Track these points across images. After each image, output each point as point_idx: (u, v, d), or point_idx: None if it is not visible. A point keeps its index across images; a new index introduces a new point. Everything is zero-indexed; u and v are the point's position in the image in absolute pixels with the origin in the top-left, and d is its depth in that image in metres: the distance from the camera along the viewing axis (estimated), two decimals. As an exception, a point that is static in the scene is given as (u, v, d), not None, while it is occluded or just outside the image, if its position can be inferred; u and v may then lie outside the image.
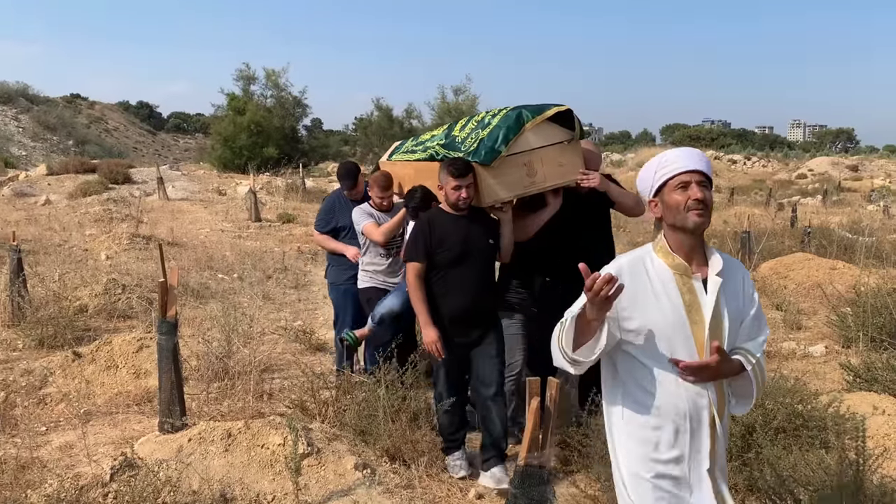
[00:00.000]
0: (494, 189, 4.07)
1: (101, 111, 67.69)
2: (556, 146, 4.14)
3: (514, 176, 4.07)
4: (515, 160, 4.05)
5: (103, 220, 14.36)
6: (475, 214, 4.14)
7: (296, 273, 10.27)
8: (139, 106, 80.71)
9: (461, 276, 4.07)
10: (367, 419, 4.38)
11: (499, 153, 3.99)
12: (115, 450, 4.27)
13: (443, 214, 4.13)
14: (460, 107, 36.14)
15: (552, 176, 4.15)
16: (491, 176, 4.04)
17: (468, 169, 3.98)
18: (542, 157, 4.10)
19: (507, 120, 4.08)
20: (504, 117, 4.11)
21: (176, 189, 21.20)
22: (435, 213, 4.19)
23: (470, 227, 4.09)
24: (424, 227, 4.11)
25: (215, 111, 36.41)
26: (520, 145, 4.05)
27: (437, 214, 4.16)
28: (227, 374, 5.48)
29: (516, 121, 4.06)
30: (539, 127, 4.10)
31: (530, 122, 4.07)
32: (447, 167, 4.00)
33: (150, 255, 10.49)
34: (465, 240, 4.06)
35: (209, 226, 14.94)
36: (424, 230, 4.08)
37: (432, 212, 4.21)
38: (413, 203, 4.52)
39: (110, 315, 7.42)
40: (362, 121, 41.40)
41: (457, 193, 3.98)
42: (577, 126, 4.18)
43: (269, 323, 7.50)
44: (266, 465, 3.85)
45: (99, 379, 5.56)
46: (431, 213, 4.21)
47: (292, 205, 18.45)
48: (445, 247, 4.04)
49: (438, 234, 4.06)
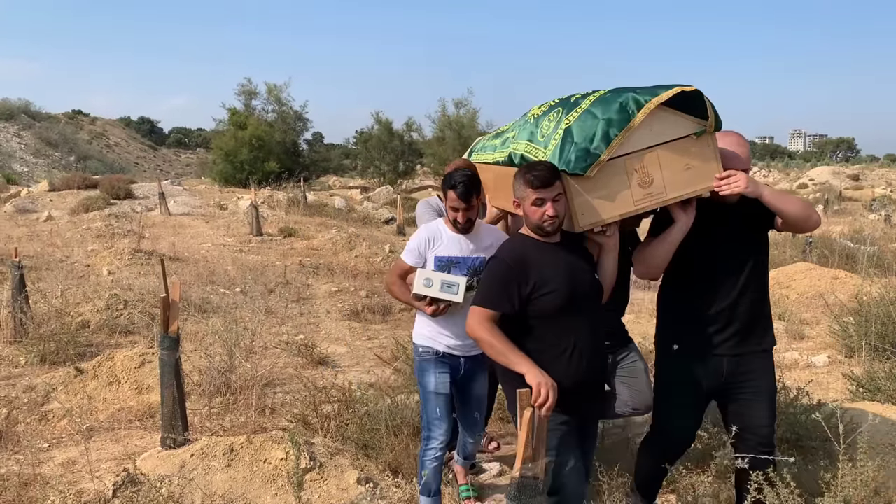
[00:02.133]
0: (592, 207, 2.95)
1: (102, 127, 68.02)
2: (681, 142, 2.99)
3: (620, 187, 2.95)
4: (621, 165, 2.94)
5: (105, 235, 14.37)
6: (569, 241, 3.03)
7: (298, 287, 10.27)
8: (140, 121, 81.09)
9: (567, 330, 2.89)
10: (369, 433, 4.38)
11: (596, 157, 2.85)
12: (117, 466, 4.26)
13: (530, 243, 2.97)
14: (461, 120, 36.28)
15: (676, 184, 3.00)
16: (587, 189, 2.92)
17: (553, 175, 2.86)
18: (660, 158, 2.98)
19: (607, 108, 2.90)
20: (601, 102, 2.95)
21: (177, 204, 21.25)
22: (519, 242, 3.03)
23: (570, 260, 2.95)
24: (512, 261, 2.91)
25: (217, 126, 36.66)
26: (628, 144, 2.91)
27: (523, 243, 2.99)
28: (229, 388, 5.48)
29: (620, 110, 2.88)
30: (654, 117, 2.91)
31: (641, 111, 2.87)
32: (524, 175, 2.90)
33: (151, 271, 10.50)
34: (571, 278, 2.90)
35: (211, 240, 14.95)
36: (512, 267, 2.89)
37: (515, 241, 3.07)
38: None
39: (112, 331, 7.42)
40: (363, 134, 41.61)
41: (540, 210, 2.86)
42: (709, 112, 2.97)
43: (271, 337, 7.50)
44: (268, 480, 3.84)
45: (101, 395, 5.55)
46: (514, 243, 3.06)
47: (294, 218, 18.47)
48: (548, 289, 2.86)
49: (535, 271, 2.88)
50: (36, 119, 53.39)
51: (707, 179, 3.04)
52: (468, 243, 3.52)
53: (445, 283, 3.39)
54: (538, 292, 2.86)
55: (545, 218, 2.87)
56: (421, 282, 3.42)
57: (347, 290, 10.20)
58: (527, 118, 3.40)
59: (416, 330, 3.67)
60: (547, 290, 2.85)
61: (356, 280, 11.03)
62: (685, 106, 2.94)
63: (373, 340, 7.77)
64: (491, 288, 2.92)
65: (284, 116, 36.72)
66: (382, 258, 12.58)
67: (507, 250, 3.01)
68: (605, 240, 3.06)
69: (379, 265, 12.08)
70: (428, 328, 3.60)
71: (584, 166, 2.85)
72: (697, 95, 2.93)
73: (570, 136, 2.90)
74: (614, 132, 2.85)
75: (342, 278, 11.18)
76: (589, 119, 2.89)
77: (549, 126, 3.08)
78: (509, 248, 3.03)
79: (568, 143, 2.89)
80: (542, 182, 2.84)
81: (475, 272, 3.47)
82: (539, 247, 2.94)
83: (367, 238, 14.73)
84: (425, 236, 3.56)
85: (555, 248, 2.95)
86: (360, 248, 13.52)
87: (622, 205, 2.97)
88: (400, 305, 9.16)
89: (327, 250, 13.73)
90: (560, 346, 2.88)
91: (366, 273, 11.55)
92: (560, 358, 2.87)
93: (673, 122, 2.97)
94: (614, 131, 2.85)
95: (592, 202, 2.95)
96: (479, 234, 3.55)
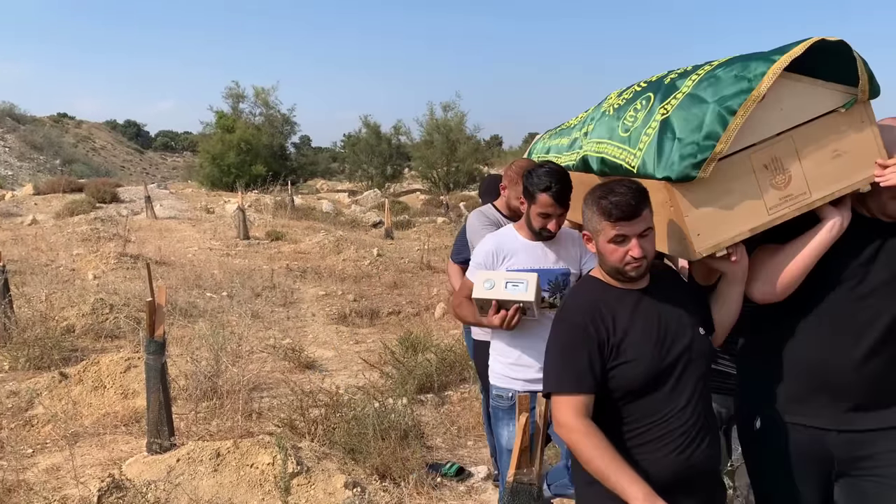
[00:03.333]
0: (712, 224, 2.11)
1: (88, 130, 67.67)
2: (824, 121, 2.13)
3: (747, 192, 2.11)
4: (745, 162, 2.10)
5: (90, 239, 14.28)
6: (660, 282, 2.22)
7: (284, 291, 10.24)
8: (126, 125, 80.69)
9: (659, 407, 2.10)
10: (356, 437, 4.37)
11: (709, 151, 2.02)
12: (102, 471, 4.23)
13: (605, 290, 2.18)
14: (449, 123, 36.34)
15: (822, 179, 2.13)
16: (701, 200, 2.10)
17: (640, 201, 2.05)
18: (797, 146, 2.11)
19: (718, 86, 2.06)
20: (709, 81, 2.11)
21: (164, 208, 21.16)
22: (588, 287, 2.23)
23: (661, 312, 2.15)
24: (582, 321, 2.11)
25: (204, 129, 36.60)
26: (750, 131, 2.06)
27: (595, 290, 2.20)
28: (215, 393, 5.46)
29: (735, 81, 2.03)
30: (783, 89, 2.06)
31: (766, 77, 1.99)
32: (598, 201, 2.09)
33: (137, 275, 10.44)
34: (661, 340, 2.10)
35: (197, 244, 14.89)
36: (587, 328, 2.09)
37: (584, 287, 2.26)
38: None
39: (98, 335, 7.37)
40: (350, 138, 41.63)
41: (621, 251, 2.07)
42: (860, 73, 2.06)
43: (257, 341, 7.47)
44: (255, 485, 3.83)
45: (86, 400, 5.52)
46: (583, 289, 2.25)
47: (281, 222, 18.42)
48: (626, 357, 2.08)
49: (613, 331, 2.10)
50: (20, 122, 53.05)
51: (865, 168, 2.12)
52: (548, 252, 2.95)
53: (510, 281, 2.81)
54: (614, 361, 2.07)
55: (628, 260, 2.07)
56: (481, 285, 2.84)
57: (335, 294, 10.18)
58: (602, 109, 2.65)
59: (490, 367, 3.11)
60: (624, 358, 2.07)
61: (344, 284, 11.01)
62: (826, 70, 2.08)
63: (360, 344, 7.76)
64: (567, 363, 2.09)
65: (272, 120, 36.78)
66: (370, 262, 12.57)
67: (574, 307, 2.18)
68: (729, 266, 2.18)
69: (367, 269, 12.06)
70: (499, 363, 3.04)
71: (693, 167, 2.02)
72: (843, 49, 2.02)
73: (670, 128, 2.10)
74: (730, 115, 2.00)
75: (330, 282, 11.16)
76: (695, 105, 2.08)
77: (635, 118, 2.32)
78: (577, 304, 2.18)
79: (668, 140, 2.10)
80: (623, 212, 2.03)
81: (557, 287, 2.94)
82: (618, 297, 2.14)
83: (355, 242, 14.71)
84: (493, 249, 2.97)
85: (639, 296, 2.15)
86: (347, 251, 13.50)
87: (752, 216, 2.11)
88: (387, 309, 9.16)
89: (315, 254, 13.71)
90: (650, 429, 2.09)
91: (353, 277, 11.52)
92: (649, 446, 2.09)
93: (810, 94, 2.10)
94: (729, 114, 2.00)
95: (711, 217, 2.10)
96: (561, 240, 2.98)
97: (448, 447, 4.92)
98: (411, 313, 9.09)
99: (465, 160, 35.51)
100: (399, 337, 6.92)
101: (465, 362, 6.05)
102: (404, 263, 12.60)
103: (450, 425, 5.24)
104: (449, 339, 6.88)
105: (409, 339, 6.66)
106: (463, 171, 35.59)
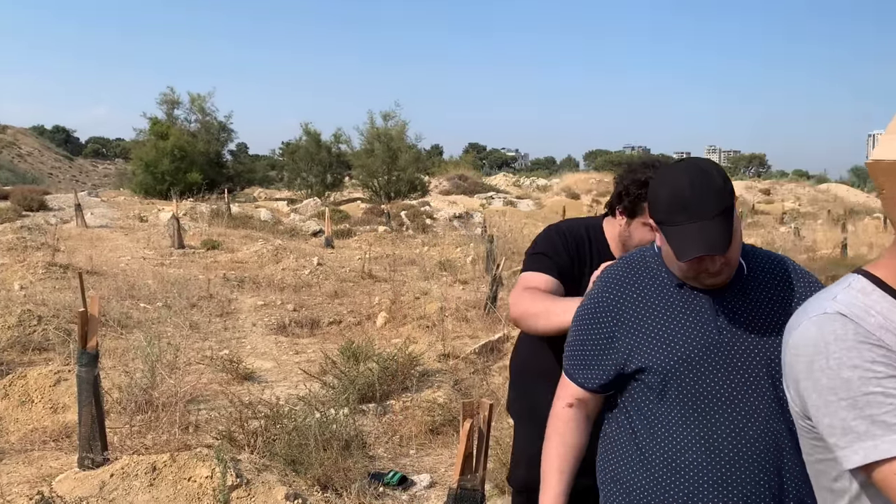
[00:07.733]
0: None
1: (13, 136, 65.23)
2: None
3: None
4: None
5: (17, 248, 13.74)
6: None
7: (221, 301, 10.04)
8: (55, 130, 78.14)
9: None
10: (297, 448, 4.32)
11: None
12: (30, 489, 4.07)
13: None
14: (389, 132, 36.27)
15: None
16: None
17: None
18: None
19: None
20: None
21: (95, 216, 20.54)
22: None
23: None
24: None
25: (137, 136, 35.68)
26: None
27: None
28: (151, 405, 5.31)
29: None
30: None
31: None
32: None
33: (67, 285, 10.10)
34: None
35: (130, 253, 14.50)
36: None
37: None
38: None
39: (25, 348, 7.09)
40: (289, 146, 41.15)
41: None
42: None
43: (194, 353, 7.30)
44: (193, 499, 3.74)
45: (12, 415, 5.31)
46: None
47: (217, 231, 18.08)
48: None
49: None
50: (-60, 126, 50.78)
51: None
52: None
53: None
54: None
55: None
56: None
57: (274, 304, 10.04)
58: None
59: None
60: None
61: (283, 293, 10.87)
62: None
63: (300, 354, 7.66)
64: None
65: (208, 127, 36.06)
66: (310, 271, 12.44)
67: None
68: None
69: (307, 278, 11.93)
70: None
71: None
72: None
73: None
74: None
75: (268, 292, 11.00)
76: None
77: None
78: None
79: None
80: None
81: None
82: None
83: (295, 251, 14.54)
84: None
85: None
86: (286, 260, 13.33)
87: None
88: (328, 318, 9.08)
89: (252, 263, 13.49)
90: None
91: (293, 286, 11.38)
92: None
93: None
94: None
95: None
96: None
97: (391, 456, 4.91)
98: (352, 322, 9.03)
99: (406, 169, 35.46)
100: (340, 346, 6.87)
101: (407, 371, 6.05)
102: (345, 273, 12.52)
103: (392, 434, 5.22)
104: (391, 348, 6.86)
105: (351, 348, 6.61)
106: (404, 179, 35.49)
